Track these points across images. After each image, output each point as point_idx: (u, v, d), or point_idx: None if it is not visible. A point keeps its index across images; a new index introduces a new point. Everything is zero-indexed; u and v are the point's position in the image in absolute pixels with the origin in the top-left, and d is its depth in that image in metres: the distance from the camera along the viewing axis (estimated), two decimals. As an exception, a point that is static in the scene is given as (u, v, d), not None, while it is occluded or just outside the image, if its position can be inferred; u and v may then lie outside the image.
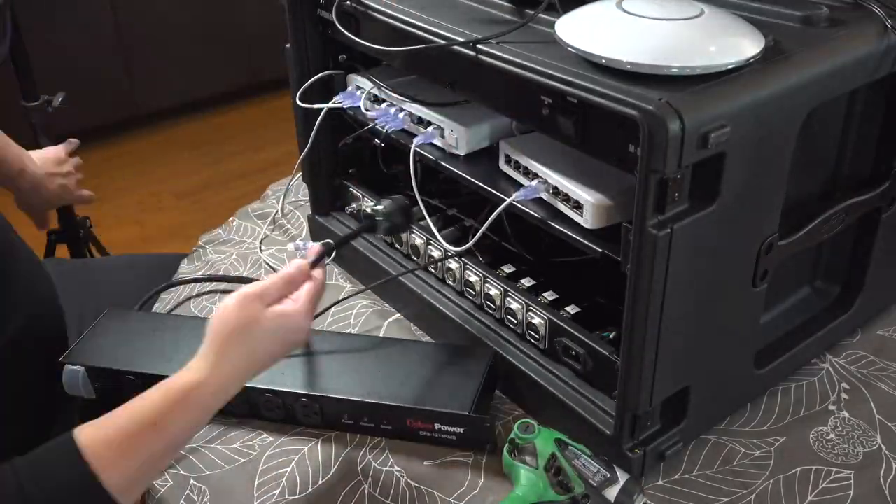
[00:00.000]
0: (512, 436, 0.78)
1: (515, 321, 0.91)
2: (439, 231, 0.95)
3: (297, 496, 0.82)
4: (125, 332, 0.97)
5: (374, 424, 0.87)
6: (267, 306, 0.77)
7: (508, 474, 0.79)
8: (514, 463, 0.78)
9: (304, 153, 1.10)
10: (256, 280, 1.04)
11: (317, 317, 0.98)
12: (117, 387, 0.91)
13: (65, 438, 0.73)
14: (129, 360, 0.92)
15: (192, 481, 0.84)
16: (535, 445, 0.78)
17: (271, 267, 1.14)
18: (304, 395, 0.87)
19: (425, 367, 0.90)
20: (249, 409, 0.89)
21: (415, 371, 0.89)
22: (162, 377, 0.77)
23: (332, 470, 0.85)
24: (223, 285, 1.13)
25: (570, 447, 0.78)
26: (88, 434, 0.73)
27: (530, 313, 0.89)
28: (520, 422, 0.79)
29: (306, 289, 0.79)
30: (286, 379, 0.89)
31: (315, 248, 0.83)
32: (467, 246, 0.89)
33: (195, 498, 0.83)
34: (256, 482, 0.84)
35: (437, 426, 0.84)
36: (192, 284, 1.13)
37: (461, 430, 0.84)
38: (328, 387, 0.88)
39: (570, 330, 0.85)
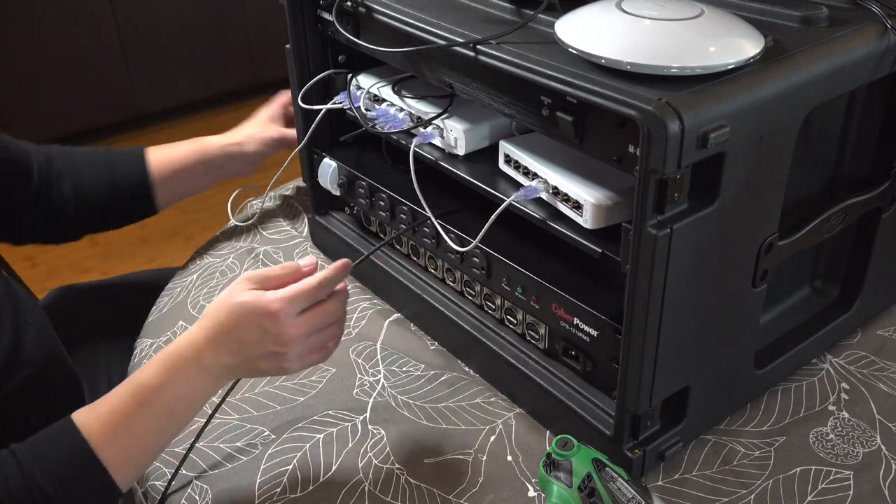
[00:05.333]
0: (549, 450, 0.76)
1: (515, 321, 0.92)
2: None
3: (298, 494, 0.83)
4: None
5: (525, 298, 0.87)
6: (259, 289, 0.76)
7: (542, 489, 0.78)
8: (548, 478, 0.75)
9: (304, 152, 1.10)
10: None
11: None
12: (351, 191, 1.05)
13: (63, 420, 0.73)
14: (372, 175, 1.03)
15: (194, 481, 0.85)
16: (571, 463, 0.75)
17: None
18: (479, 248, 0.90)
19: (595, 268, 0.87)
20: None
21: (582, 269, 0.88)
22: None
23: (333, 468, 0.85)
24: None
25: (607, 468, 0.75)
26: (85, 413, 0.73)
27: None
28: (559, 437, 0.76)
29: (301, 282, 0.77)
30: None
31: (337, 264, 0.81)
32: (470, 247, 0.89)
33: (197, 497, 0.83)
34: (258, 480, 0.84)
35: (576, 321, 0.83)
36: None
37: (595, 335, 0.81)
38: (506, 252, 0.90)
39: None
